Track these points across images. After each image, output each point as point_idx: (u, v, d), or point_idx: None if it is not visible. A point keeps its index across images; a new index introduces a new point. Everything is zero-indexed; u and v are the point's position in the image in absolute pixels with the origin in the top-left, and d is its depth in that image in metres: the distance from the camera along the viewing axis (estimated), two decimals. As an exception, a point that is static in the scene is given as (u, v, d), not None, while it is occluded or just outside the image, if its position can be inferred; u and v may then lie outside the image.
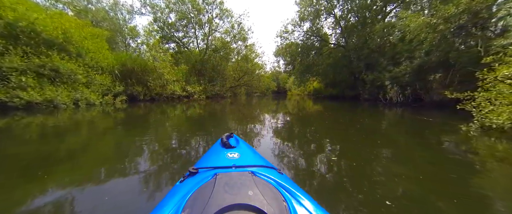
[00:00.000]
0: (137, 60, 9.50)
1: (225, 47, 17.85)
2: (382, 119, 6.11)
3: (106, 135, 3.78)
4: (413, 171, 2.03)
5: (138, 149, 2.76)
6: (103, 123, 4.97)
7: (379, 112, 7.10)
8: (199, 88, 12.90)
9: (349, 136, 3.81)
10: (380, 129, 4.64)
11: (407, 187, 1.70)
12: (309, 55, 18.80)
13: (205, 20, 16.97)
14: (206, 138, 3.39)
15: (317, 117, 6.77)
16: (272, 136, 3.66)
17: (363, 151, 2.75)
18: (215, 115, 7.06)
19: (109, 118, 5.69)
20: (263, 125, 4.86)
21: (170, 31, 17.08)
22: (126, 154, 2.55)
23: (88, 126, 4.55)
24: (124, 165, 2.15)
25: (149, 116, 6.25)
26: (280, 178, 0.74)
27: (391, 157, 2.51)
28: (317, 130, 4.53)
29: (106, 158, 2.47)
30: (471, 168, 2.23)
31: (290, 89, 30.87)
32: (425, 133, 3.91)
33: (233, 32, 17.95)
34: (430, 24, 6.70)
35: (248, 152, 1.05)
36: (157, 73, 9.72)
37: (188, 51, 17.81)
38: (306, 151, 2.80)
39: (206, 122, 5.48)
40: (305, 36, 18.64)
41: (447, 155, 2.67)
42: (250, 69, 20.13)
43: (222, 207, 0.48)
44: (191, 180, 0.74)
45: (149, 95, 9.69)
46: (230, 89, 20.32)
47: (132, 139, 3.39)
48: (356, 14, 15.77)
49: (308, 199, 0.64)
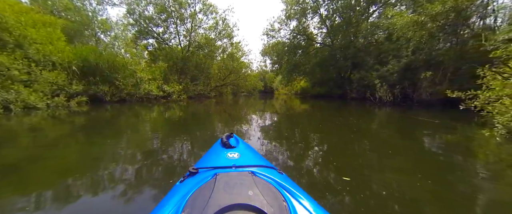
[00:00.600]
0: (103, 55, 8.07)
1: (209, 45, 16.91)
2: (379, 120, 5.90)
3: (59, 145, 2.92)
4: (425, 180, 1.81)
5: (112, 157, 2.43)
6: (51, 131, 3.99)
7: (371, 112, 6.94)
8: (178, 87, 11.65)
9: (347, 138, 3.50)
10: (382, 132, 4.34)
11: (409, 187, 1.68)
12: (296, 54, 18.64)
13: (187, 15, 15.88)
14: (188, 147, 2.77)
15: (309, 117, 6.37)
16: (271, 136, 3.60)
17: (363, 152, 2.74)
18: (196, 117, 6.31)
19: (58, 125, 4.65)
20: (254, 126, 4.65)
21: (148, 25, 15.70)
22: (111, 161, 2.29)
23: (31, 135, 3.58)
24: (123, 169, 2.06)
25: (115, 121, 5.31)
26: (280, 178, 0.74)
27: (397, 165, 2.29)
28: (313, 130, 4.13)
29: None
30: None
31: (277, 88, 30.69)
32: (440, 139, 3.54)
33: (217, 28, 17.08)
34: (417, 22, 6.65)
35: (248, 152, 1.05)
36: (129, 71, 8.48)
37: (169, 48, 16.55)
38: (306, 151, 2.76)
39: (183, 127, 4.74)
40: (291, 35, 18.44)
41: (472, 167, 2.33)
42: (236, 68, 19.39)
43: (222, 207, 0.48)
44: (191, 180, 0.74)
45: (118, 96, 8.32)
46: (215, 89, 19.47)
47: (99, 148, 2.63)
48: (341, 14, 15.93)
49: (308, 199, 0.64)
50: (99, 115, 6.01)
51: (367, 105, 8.73)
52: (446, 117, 5.50)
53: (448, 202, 1.47)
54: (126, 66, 8.31)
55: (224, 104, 11.21)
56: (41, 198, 1.47)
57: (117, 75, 8.11)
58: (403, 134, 4.13)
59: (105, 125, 4.69)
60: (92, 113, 6.21)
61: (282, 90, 29.55)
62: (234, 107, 9.65)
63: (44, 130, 4.05)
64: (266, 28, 18.91)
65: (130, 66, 8.44)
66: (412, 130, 4.35)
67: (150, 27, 16.05)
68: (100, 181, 1.78)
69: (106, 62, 7.84)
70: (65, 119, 5.17)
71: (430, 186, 1.68)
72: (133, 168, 2.07)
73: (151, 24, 16.01)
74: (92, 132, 3.88)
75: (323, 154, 2.63)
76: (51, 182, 1.78)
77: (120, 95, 8.48)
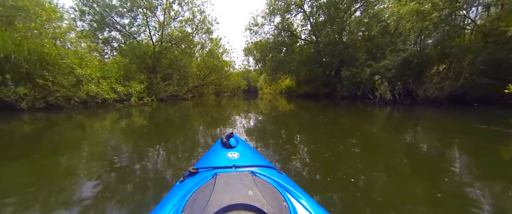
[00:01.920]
0: (22, 43, 5.39)
1: (185, 40, 15.05)
2: (386, 122, 4.99)
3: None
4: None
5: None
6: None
7: (373, 114, 6.10)
8: (139, 87, 9.50)
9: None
10: (399, 141, 3.36)
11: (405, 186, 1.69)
12: (280, 51, 17.69)
13: (158, 3, 13.86)
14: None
15: (299, 122, 5.24)
16: (271, 136, 3.55)
17: (363, 153, 2.61)
18: (152, 136, 4.76)
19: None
20: (244, 130, 4.09)
21: (109, 15, 13.29)
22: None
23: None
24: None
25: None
26: (280, 178, 0.74)
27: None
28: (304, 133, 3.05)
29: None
30: None
31: (261, 88, 29.67)
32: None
33: (194, 21, 15.32)
34: (419, 11, 5.97)
35: (248, 152, 1.04)
36: (63, 65, 6.11)
37: (136, 42, 14.29)
38: (305, 151, 2.70)
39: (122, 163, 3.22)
40: (275, 31, 17.46)
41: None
42: (217, 66, 17.77)
43: (222, 207, 0.47)
44: (191, 180, 0.74)
45: (44, 101, 5.98)
46: (195, 89, 17.67)
47: None
48: (325, 11, 15.45)
49: (308, 199, 0.64)
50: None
51: (360, 105, 8.02)
52: (480, 117, 4.74)
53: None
54: (57, 59, 5.90)
55: (202, 107, 9.66)
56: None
57: (47, 72, 5.71)
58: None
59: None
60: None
61: (266, 89, 28.67)
62: (214, 110, 8.19)
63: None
64: (249, 22, 17.70)
65: (63, 60, 6.03)
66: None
67: (112, 18, 13.64)
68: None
69: (24, 53, 5.28)
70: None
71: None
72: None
73: (113, 14, 13.63)
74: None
75: (325, 155, 2.54)
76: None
77: (48, 100, 5.95)
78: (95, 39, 13.34)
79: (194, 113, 7.09)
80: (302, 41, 17.90)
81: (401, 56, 6.82)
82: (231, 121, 5.20)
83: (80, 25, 13.27)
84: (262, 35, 18.19)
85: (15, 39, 5.09)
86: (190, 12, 15.29)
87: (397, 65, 6.85)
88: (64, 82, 5.90)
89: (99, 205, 1.37)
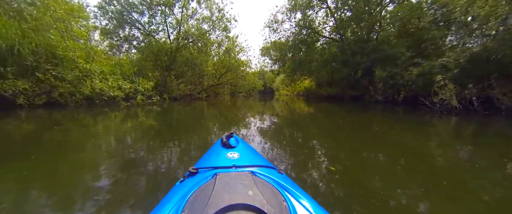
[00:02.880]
0: (28, 34, 4.92)
1: (202, 38, 14.61)
2: (454, 137, 3.64)
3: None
4: None
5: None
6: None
7: (430, 124, 4.69)
8: (148, 85, 8.83)
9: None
10: None
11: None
12: (300, 50, 16.45)
13: (177, 1, 13.60)
14: None
15: (319, 125, 4.10)
16: (272, 136, 3.44)
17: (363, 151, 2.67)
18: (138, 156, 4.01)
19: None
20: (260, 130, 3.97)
21: (129, 12, 13.33)
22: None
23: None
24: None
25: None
26: (280, 178, 0.73)
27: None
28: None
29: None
30: None
31: (278, 89, 28.48)
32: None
33: (212, 18, 14.84)
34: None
35: (248, 152, 1.02)
36: (68, 59, 5.53)
37: (154, 40, 14.19)
38: (306, 152, 2.64)
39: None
40: (296, 28, 16.27)
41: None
42: (233, 65, 17.11)
43: (222, 207, 0.47)
44: (191, 180, 0.74)
45: (46, 97, 5.45)
46: (211, 89, 17.23)
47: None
48: (351, 7, 13.89)
49: (308, 199, 0.63)
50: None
51: (403, 111, 6.57)
52: None
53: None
54: (63, 52, 5.32)
55: (217, 107, 8.95)
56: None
57: (49, 65, 5.22)
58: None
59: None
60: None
61: (283, 91, 27.42)
62: (229, 111, 7.39)
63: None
64: (269, 19, 16.75)
65: (65, 52, 5.40)
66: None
67: (131, 15, 13.68)
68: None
69: (32, 46, 4.95)
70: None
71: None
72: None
73: (133, 10, 13.68)
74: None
75: (325, 156, 2.59)
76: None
77: (50, 96, 5.44)
78: (116, 36, 13.47)
79: (208, 114, 6.34)
80: (325, 39, 16.46)
81: (471, 50, 5.22)
82: (246, 123, 4.59)
83: (101, 23, 13.57)
84: (281, 34, 17.12)
85: (21, 30, 4.71)
86: (208, 9, 14.88)
87: (464, 63, 5.18)
88: (68, 77, 5.49)
89: (99, 205, 1.34)
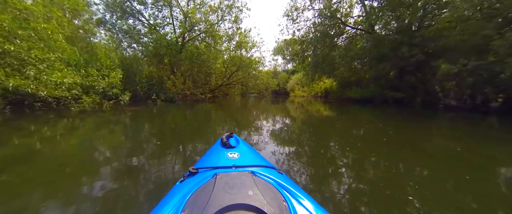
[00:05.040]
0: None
1: (209, 30, 12.81)
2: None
3: None
4: None
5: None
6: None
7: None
8: (117, 78, 6.05)
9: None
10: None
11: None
12: (324, 43, 14.06)
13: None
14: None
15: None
16: (272, 136, 3.34)
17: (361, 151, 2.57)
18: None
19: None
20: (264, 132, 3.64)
21: (131, 3, 11.90)
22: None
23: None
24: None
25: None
26: (280, 178, 0.73)
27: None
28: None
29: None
30: None
31: (293, 90, 26.09)
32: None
33: (222, 7, 13.03)
34: None
35: (248, 152, 1.02)
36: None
37: (159, 34, 12.65)
38: (306, 152, 2.59)
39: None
40: (319, 19, 13.92)
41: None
42: (245, 63, 15.15)
43: (222, 207, 0.47)
44: (191, 180, 0.73)
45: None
46: (219, 88, 15.43)
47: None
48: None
49: (308, 199, 0.63)
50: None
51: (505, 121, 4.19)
52: None
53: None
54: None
55: (227, 109, 7.00)
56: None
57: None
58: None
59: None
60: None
61: (299, 92, 25.01)
62: (244, 115, 5.37)
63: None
64: (287, 7, 14.60)
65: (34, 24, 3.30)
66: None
67: (134, 7, 12.25)
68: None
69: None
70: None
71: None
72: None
73: (137, 2, 12.26)
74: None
75: (325, 156, 2.45)
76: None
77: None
78: (111, 25, 12.07)
79: (212, 123, 4.37)
80: (353, 30, 13.93)
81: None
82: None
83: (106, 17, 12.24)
84: (301, 24, 14.84)
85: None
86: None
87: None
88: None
89: (99, 205, 1.31)
